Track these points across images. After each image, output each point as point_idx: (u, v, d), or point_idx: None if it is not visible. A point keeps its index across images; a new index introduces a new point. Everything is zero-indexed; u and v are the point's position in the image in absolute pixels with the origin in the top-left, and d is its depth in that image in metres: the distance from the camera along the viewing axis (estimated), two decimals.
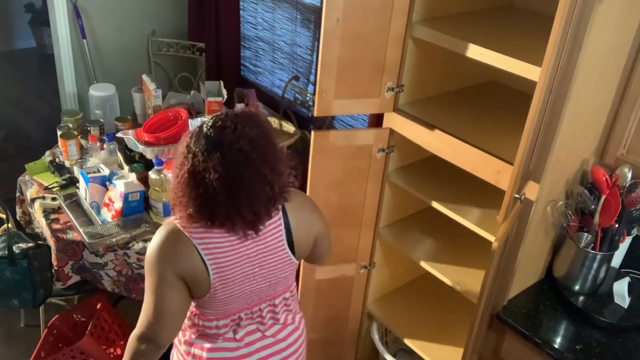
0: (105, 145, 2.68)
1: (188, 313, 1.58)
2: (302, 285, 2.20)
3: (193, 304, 1.56)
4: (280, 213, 1.53)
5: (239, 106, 1.57)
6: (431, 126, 1.87)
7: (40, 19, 5.49)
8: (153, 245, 1.45)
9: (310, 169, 1.98)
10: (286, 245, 1.54)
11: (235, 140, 1.37)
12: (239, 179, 1.37)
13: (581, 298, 1.88)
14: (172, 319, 1.47)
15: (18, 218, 2.74)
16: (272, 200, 1.45)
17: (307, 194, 2.02)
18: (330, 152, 1.97)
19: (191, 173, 1.37)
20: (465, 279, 1.98)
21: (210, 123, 1.41)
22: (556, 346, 1.74)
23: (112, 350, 2.45)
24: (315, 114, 1.87)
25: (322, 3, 2.10)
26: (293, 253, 1.56)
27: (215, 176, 1.34)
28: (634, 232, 1.88)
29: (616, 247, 1.84)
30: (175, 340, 1.65)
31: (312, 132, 1.93)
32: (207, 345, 1.57)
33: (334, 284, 2.26)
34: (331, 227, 2.10)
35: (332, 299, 2.30)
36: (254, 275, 1.52)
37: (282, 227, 1.53)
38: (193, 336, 1.60)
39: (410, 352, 2.37)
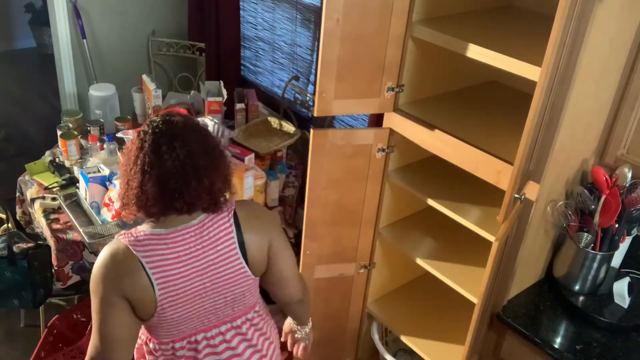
0: (105, 145, 2.68)
1: (144, 337, 1.53)
2: None
3: (143, 329, 1.50)
4: (232, 221, 1.46)
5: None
6: (431, 126, 1.87)
7: (40, 19, 5.50)
8: (96, 264, 1.38)
9: (309, 168, 1.98)
10: (240, 256, 1.46)
11: (173, 149, 1.35)
12: (191, 159, 1.35)
13: (581, 298, 1.88)
14: (119, 343, 1.38)
15: (18, 218, 2.74)
16: (219, 186, 1.41)
17: (306, 192, 2.02)
18: (329, 151, 1.97)
19: (138, 157, 1.35)
20: (465, 279, 1.97)
21: (148, 123, 1.40)
22: (556, 346, 1.74)
23: None
24: (315, 114, 1.87)
25: (322, 3, 2.10)
26: (249, 267, 1.48)
27: (167, 157, 1.33)
28: (634, 232, 1.88)
29: (616, 247, 1.84)
30: None
31: (311, 131, 1.92)
32: None
33: (334, 283, 2.26)
34: (330, 226, 2.11)
35: (331, 298, 2.30)
36: (205, 290, 1.44)
37: (234, 236, 1.45)
38: None
39: (410, 352, 2.37)
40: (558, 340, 1.76)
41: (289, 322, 1.82)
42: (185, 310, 1.43)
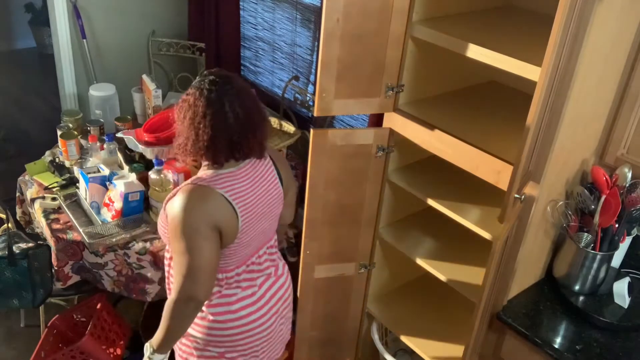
0: (105, 145, 2.68)
1: None
2: (301, 283, 2.20)
3: None
4: (270, 160, 1.81)
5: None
6: (431, 126, 1.87)
7: (40, 19, 5.50)
8: (181, 205, 1.57)
9: (309, 167, 1.98)
10: (280, 184, 1.81)
11: (233, 96, 1.65)
12: (247, 118, 1.65)
13: (581, 298, 1.88)
14: (210, 272, 1.60)
15: (18, 218, 2.74)
16: (265, 136, 1.73)
17: (306, 191, 2.02)
18: (329, 150, 1.97)
19: (206, 114, 1.60)
20: (465, 279, 1.97)
21: (207, 80, 1.67)
22: (556, 346, 1.74)
23: (112, 350, 2.45)
24: (315, 114, 1.87)
25: (322, 3, 2.10)
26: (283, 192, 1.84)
27: (231, 114, 1.61)
28: (634, 232, 1.88)
29: (616, 247, 1.84)
30: None
31: (311, 131, 1.93)
32: (233, 297, 1.74)
33: (333, 283, 2.26)
34: (330, 226, 2.11)
35: (331, 298, 2.30)
36: (264, 212, 1.74)
37: (274, 170, 1.81)
38: (216, 295, 1.74)
39: (410, 352, 2.37)
40: (558, 340, 1.76)
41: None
42: (254, 232, 1.72)
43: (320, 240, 2.13)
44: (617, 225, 1.80)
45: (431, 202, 1.97)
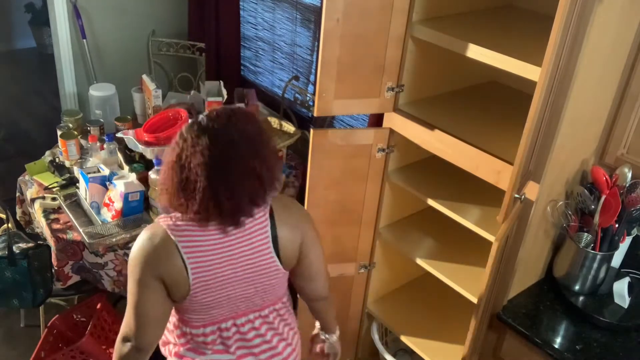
0: (105, 145, 2.68)
1: (174, 320, 1.56)
2: None
3: (174, 312, 1.54)
4: (267, 216, 1.48)
5: (239, 105, 1.60)
6: (431, 126, 1.87)
7: (40, 19, 5.49)
8: (134, 247, 1.45)
9: (309, 167, 1.98)
10: (272, 250, 1.49)
11: (226, 129, 1.37)
12: (223, 168, 1.36)
13: (581, 298, 1.88)
14: (152, 323, 1.45)
15: (18, 218, 2.74)
16: (256, 196, 1.42)
17: (306, 191, 2.02)
18: (329, 150, 1.97)
19: (178, 157, 1.38)
20: (465, 279, 1.97)
21: (206, 113, 1.42)
22: (556, 346, 1.74)
23: (112, 350, 2.45)
24: (315, 114, 1.87)
25: (322, 3, 2.10)
26: (280, 261, 1.51)
27: (200, 161, 1.34)
28: (634, 232, 1.88)
29: (616, 247, 1.84)
30: (166, 352, 1.62)
31: (311, 130, 1.93)
32: (197, 358, 1.54)
33: (334, 283, 2.25)
34: (331, 226, 2.11)
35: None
36: (237, 278, 1.47)
37: (269, 230, 1.48)
38: (182, 349, 1.56)
39: (410, 352, 2.37)
40: (558, 340, 1.76)
41: (316, 327, 1.82)
42: (216, 296, 1.48)
43: (320, 240, 2.13)
44: (617, 225, 1.80)
45: (431, 202, 1.97)
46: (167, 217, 1.46)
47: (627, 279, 1.86)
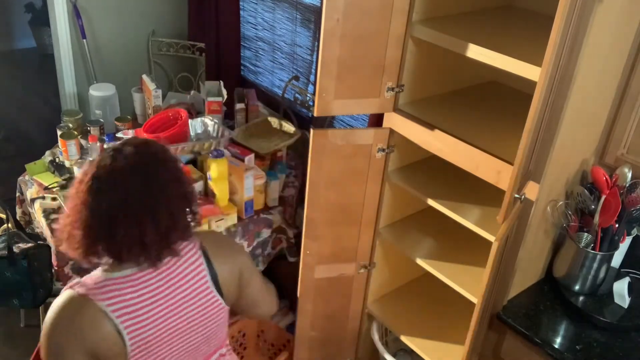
0: (105, 146, 2.68)
1: None
2: (302, 283, 2.21)
3: None
4: (200, 253, 1.38)
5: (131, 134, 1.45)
6: (431, 126, 1.87)
7: (40, 19, 5.49)
8: (50, 323, 1.25)
9: (309, 168, 1.98)
10: (213, 289, 1.39)
11: (124, 170, 1.25)
12: (122, 214, 1.24)
13: (581, 298, 1.88)
14: None
15: (18, 218, 2.74)
16: (161, 240, 1.28)
17: (306, 192, 2.02)
18: (330, 150, 1.97)
19: (82, 201, 1.25)
20: (465, 279, 1.97)
21: (107, 152, 1.29)
22: (556, 346, 1.74)
23: None
24: (315, 114, 1.87)
25: (322, 3, 2.10)
26: (222, 298, 1.42)
27: (101, 205, 1.23)
28: (634, 232, 1.88)
29: (616, 247, 1.84)
30: None
31: (311, 130, 1.92)
32: None
33: (334, 283, 2.26)
34: (331, 226, 2.11)
35: (331, 297, 2.30)
36: (180, 331, 1.35)
37: (206, 269, 1.38)
38: None
39: (410, 352, 2.37)
40: (558, 340, 1.76)
41: None
42: (160, 355, 1.34)
43: (320, 240, 2.13)
44: (617, 225, 1.80)
45: (431, 202, 1.97)
46: (78, 283, 1.29)
47: (627, 279, 1.86)
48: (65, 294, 1.28)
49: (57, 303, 1.27)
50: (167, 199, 1.28)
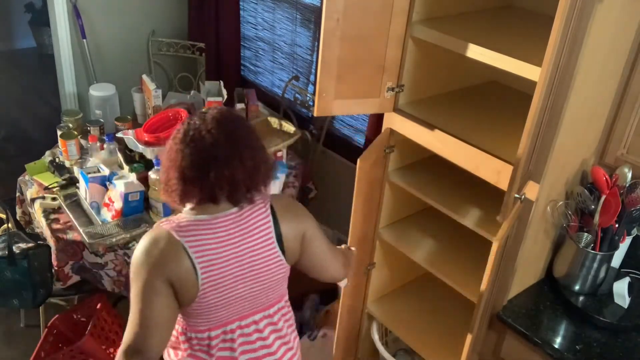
0: (105, 145, 2.68)
1: (178, 327, 1.55)
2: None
3: (180, 319, 1.53)
4: (269, 212, 1.53)
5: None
6: (431, 126, 1.87)
7: (40, 19, 5.49)
8: (139, 250, 1.43)
9: (356, 198, 2.00)
10: (276, 244, 1.52)
11: (211, 124, 1.44)
12: (212, 158, 1.42)
13: (581, 298, 1.88)
14: (160, 328, 1.42)
15: (18, 218, 2.74)
16: (247, 180, 1.46)
17: (351, 228, 2.02)
18: (366, 174, 1.99)
19: (177, 150, 1.44)
20: (465, 279, 1.97)
21: (195, 114, 1.49)
22: (556, 346, 1.74)
23: (112, 350, 2.45)
24: (315, 114, 1.87)
25: (322, 3, 2.10)
26: (284, 256, 1.55)
27: (190, 155, 1.42)
28: (634, 232, 1.88)
29: (616, 247, 1.84)
30: (167, 358, 1.61)
31: (359, 161, 1.94)
32: None
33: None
34: (357, 243, 2.10)
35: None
36: (244, 276, 1.49)
37: (272, 226, 1.52)
38: (185, 354, 1.55)
39: (410, 352, 2.37)
40: (558, 340, 1.76)
41: None
42: (225, 296, 1.48)
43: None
44: (617, 225, 1.80)
45: (431, 202, 1.97)
46: (168, 220, 1.46)
47: (627, 279, 1.86)
48: (155, 229, 1.46)
49: (147, 236, 1.45)
50: (250, 147, 1.48)
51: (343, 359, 2.51)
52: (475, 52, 1.68)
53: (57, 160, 2.72)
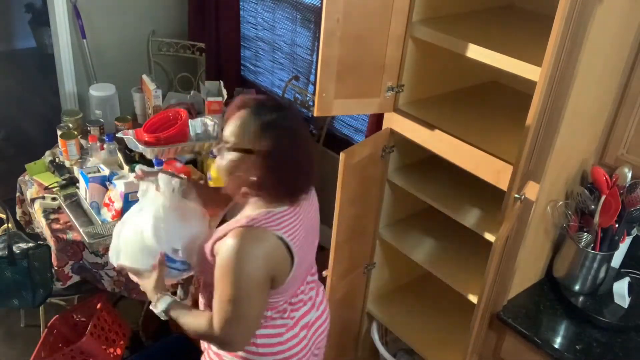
0: (105, 145, 2.68)
1: None
2: None
3: None
4: (315, 195, 1.68)
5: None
6: (431, 126, 1.87)
7: (40, 19, 5.49)
8: (235, 249, 1.43)
9: (340, 192, 1.98)
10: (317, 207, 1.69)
11: (288, 123, 1.50)
12: (295, 156, 1.50)
13: (581, 298, 1.88)
14: (255, 322, 1.51)
15: (18, 218, 2.74)
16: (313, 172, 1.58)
17: (336, 217, 2.02)
18: (354, 167, 1.97)
19: (266, 157, 1.45)
20: (465, 279, 1.98)
21: (262, 112, 1.48)
22: (556, 346, 1.74)
23: (112, 350, 2.45)
24: (315, 114, 1.87)
25: (322, 3, 2.10)
26: None
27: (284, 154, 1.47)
28: (634, 232, 1.88)
29: (616, 247, 1.84)
30: None
31: (342, 154, 1.91)
32: (282, 330, 1.62)
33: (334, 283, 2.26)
34: (349, 242, 2.12)
35: (331, 297, 2.30)
36: (310, 251, 1.64)
37: (318, 206, 1.69)
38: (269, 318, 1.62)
39: (410, 352, 2.37)
40: (558, 340, 1.76)
41: None
42: (304, 266, 1.61)
43: (342, 259, 2.14)
44: (617, 225, 1.80)
45: (431, 202, 1.97)
46: (252, 219, 1.48)
47: (627, 279, 1.86)
48: (240, 231, 1.46)
49: (237, 238, 1.44)
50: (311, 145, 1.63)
51: (343, 359, 2.51)
52: (475, 52, 1.68)
53: (57, 160, 2.72)
